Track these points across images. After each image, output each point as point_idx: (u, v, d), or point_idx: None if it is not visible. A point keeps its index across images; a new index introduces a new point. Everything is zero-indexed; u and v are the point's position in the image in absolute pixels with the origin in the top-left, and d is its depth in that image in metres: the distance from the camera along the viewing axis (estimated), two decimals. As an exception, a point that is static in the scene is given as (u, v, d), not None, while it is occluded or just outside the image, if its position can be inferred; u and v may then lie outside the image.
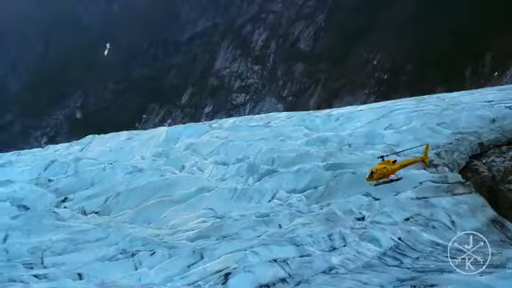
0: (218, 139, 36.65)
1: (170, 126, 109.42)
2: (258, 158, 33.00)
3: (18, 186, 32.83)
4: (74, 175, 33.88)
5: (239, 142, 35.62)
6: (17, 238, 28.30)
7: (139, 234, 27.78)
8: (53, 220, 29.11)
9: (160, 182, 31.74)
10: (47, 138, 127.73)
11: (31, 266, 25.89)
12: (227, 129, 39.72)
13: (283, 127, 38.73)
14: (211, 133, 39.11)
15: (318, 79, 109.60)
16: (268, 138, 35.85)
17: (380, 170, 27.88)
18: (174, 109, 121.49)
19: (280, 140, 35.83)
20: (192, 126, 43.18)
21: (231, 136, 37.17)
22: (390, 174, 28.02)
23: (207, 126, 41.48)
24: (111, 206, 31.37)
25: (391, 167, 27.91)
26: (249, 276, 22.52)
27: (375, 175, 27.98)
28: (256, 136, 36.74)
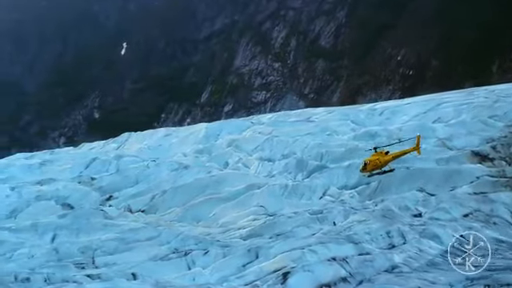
0: (261, 135, 36.35)
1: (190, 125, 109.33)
2: (305, 154, 32.70)
3: (61, 184, 32.73)
4: (117, 173, 33.73)
5: (284, 137, 35.31)
6: (65, 238, 28.13)
7: (190, 232, 27.50)
8: (101, 218, 28.93)
9: (207, 179, 31.50)
10: (65, 138, 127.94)
11: (82, 266, 25.66)
12: (269, 124, 39.38)
13: (328, 122, 38.37)
14: (253, 128, 38.82)
15: (340, 76, 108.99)
16: (314, 133, 35.51)
17: (373, 161, 28.42)
18: (193, 108, 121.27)
19: (327, 135, 35.51)
20: (232, 122, 42.98)
21: (275, 131, 36.87)
22: (382, 165, 28.66)
23: (248, 121, 41.18)
24: (157, 204, 31.17)
25: (384, 158, 28.52)
26: (308, 275, 22.12)
27: (368, 167, 28.55)
28: (301, 131, 36.41)
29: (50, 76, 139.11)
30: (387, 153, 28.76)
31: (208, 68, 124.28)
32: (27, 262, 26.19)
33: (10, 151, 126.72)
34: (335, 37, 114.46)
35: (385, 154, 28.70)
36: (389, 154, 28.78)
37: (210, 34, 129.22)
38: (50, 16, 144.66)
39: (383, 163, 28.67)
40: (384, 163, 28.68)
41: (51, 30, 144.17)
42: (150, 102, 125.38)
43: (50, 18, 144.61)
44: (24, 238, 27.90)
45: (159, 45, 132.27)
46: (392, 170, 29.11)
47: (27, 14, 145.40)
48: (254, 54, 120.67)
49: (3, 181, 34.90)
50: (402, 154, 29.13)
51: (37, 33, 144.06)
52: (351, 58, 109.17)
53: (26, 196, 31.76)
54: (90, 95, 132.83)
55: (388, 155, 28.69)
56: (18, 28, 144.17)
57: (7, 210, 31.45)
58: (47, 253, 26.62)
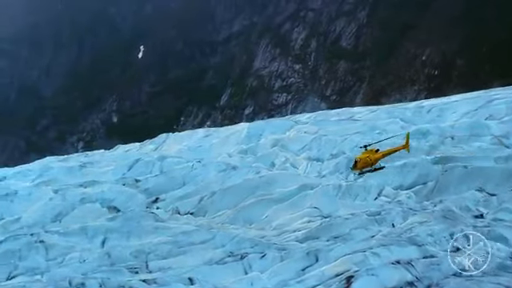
0: (307, 134, 35.77)
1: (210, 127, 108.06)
2: (356, 153, 32.08)
3: (105, 186, 32.24)
4: (162, 174, 33.22)
5: (332, 136, 34.72)
6: (116, 241, 27.61)
7: (245, 235, 26.93)
8: (152, 221, 28.41)
9: (256, 180, 30.89)
10: (83, 143, 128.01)
11: (136, 271, 25.16)
12: (313, 123, 38.79)
13: (375, 120, 37.72)
14: (297, 128, 38.24)
15: (363, 77, 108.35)
16: (363, 132, 34.92)
17: (364, 159, 28.88)
18: (212, 111, 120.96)
19: (377, 133, 34.88)
20: (274, 121, 42.52)
21: (321, 131, 36.28)
22: (373, 162, 29.12)
23: (291, 121, 40.61)
24: (206, 206, 30.61)
25: (374, 156, 28.97)
26: (373, 279, 21.46)
27: (359, 164, 29.05)
28: (349, 130, 35.81)
29: (67, 80, 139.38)
30: (377, 150, 29.21)
31: (227, 70, 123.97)
32: (79, 266, 25.74)
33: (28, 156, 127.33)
34: (356, 37, 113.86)
35: (375, 151, 29.17)
36: (379, 151, 29.24)
37: (228, 35, 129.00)
38: (65, 19, 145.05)
39: (373, 161, 29.15)
40: (374, 161, 29.16)
41: (67, 33, 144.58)
42: (169, 105, 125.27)
43: (65, 22, 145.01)
44: (74, 241, 27.42)
45: (177, 47, 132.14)
46: (382, 168, 29.58)
47: (43, 17, 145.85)
48: (274, 56, 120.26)
49: (45, 183, 34.48)
50: (392, 151, 29.63)
51: (53, 36, 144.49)
52: (373, 59, 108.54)
53: (70, 199, 31.26)
54: (107, 99, 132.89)
55: (378, 153, 29.15)
56: (34, 32, 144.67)
57: (52, 214, 30.98)
58: (99, 257, 26.15)
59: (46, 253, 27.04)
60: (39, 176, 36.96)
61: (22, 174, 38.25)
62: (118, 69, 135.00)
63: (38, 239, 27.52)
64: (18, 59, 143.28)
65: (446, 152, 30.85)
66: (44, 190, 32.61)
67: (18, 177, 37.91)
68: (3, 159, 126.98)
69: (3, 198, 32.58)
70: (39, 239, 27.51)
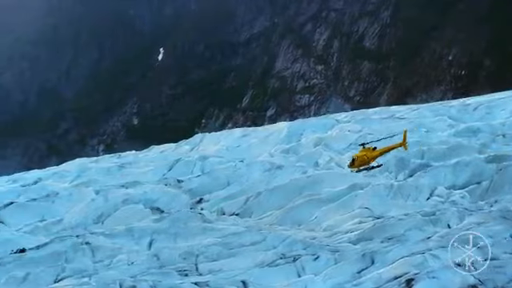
0: (351, 133, 35.15)
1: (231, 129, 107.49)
2: (404, 152, 31.38)
3: (148, 187, 31.84)
4: (206, 175, 32.75)
5: (378, 135, 34.04)
6: (164, 243, 27.14)
7: (297, 236, 26.34)
8: (199, 222, 27.90)
9: (304, 180, 30.28)
10: (104, 145, 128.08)
11: (186, 273, 24.65)
12: (356, 122, 38.12)
13: (421, 118, 36.99)
14: (339, 127, 37.61)
15: (387, 77, 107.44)
16: (410, 130, 34.11)
17: (361, 157, 29.25)
18: (234, 112, 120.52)
19: (424, 132, 34.14)
20: (315, 120, 41.92)
21: (366, 129, 35.61)
22: (370, 160, 29.42)
23: (332, 119, 39.97)
24: (252, 207, 30.03)
25: (371, 154, 29.26)
26: (434, 282, 20.71)
27: (356, 162, 29.35)
28: (394, 128, 35.12)
29: (87, 83, 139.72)
30: (375, 149, 29.41)
31: (248, 72, 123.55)
32: (128, 268, 25.27)
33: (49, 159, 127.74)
34: (380, 38, 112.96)
35: (372, 149, 29.41)
36: (376, 149, 29.45)
37: (249, 37, 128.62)
38: (85, 22, 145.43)
39: (371, 159, 29.40)
40: (372, 159, 29.41)
41: (87, 36, 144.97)
42: (190, 108, 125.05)
43: (85, 24, 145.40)
44: (120, 243, 26.98)
45: (197, 49, 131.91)
46: (380, 166, 29.88)
47: (62, 20, 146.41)
48: (296, 57, 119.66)
49: (84, 184, 34.19)
50: (389, 149, 29.77)
51: (73, 39, 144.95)
52: (398, 59, 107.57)
53: (112, 200, 30.90)
54: (128, 101, 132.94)
55: (375, 151, 29.37)
56: (54, 34, 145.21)
57: (94, 215, 30.64)
58: (147, 259, 25.68)
59: (93, 255, 26.65)
60: (77, 177, 36.71)
61: (59, 175, 38.04)
62: (138, 71, 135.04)
63: (83, 241, 27.14)
64: (38, 62, 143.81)
65: (499, 150, 30.11)
66: (85, 191, 32.30)
67: (54, 178, 37.70)
68: (24, 162, 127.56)
69: (44, 199, 32.33)
70: (85, 241, 27.12)
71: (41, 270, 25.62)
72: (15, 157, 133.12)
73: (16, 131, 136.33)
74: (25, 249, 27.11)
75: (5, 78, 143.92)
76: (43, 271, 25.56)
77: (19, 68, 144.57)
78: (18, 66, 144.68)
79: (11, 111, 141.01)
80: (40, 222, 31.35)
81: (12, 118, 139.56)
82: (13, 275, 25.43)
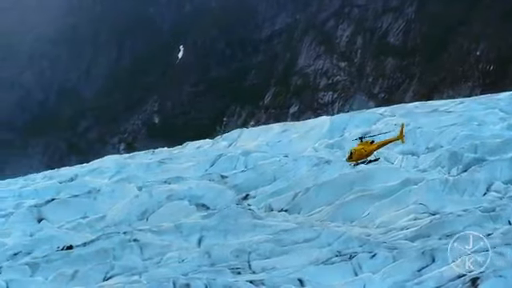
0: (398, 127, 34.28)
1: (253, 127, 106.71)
2: (456, 146, 30.57)
3: (192, 183, 31.31)
4: (251, 170, 32.22)
5: (427, 128, 33.22)
6: (213, 240, 26.61)
7: (352, 233, 25.63)
8: (249, 219, 27.34)
9: (353, 175, 29.60)
10: (125, 144, 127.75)
11: (238, 271, 24.20)
12: (403, 115, 37.28)
13: (471, 111, 36.12)
14: (385, 121, 36.86)
15: (412, 74, 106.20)
16: (461, 124, 33.39)
17: (359, 150, 29.35)
18: (256, 110, 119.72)
19: (476, 125, 33.29)
20: (358, 114, 41.26)
21: (413, 123, 34.77)
22: (368, 154, 29.60)
23: (377, 113, 39.21)
24: (301, 203, 29.41)
25: (369, 148, 29.48)
26: (501, 281, 20.07)
27: (354, 156, 29.50)
28: (443, 122, 34.33)
29: (107, 81, 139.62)
30: (372, 142, 29.66)
31: (270, 69, 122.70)
32: (178, 266, 24.80)
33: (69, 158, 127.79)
34: (405, 33, 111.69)
35: (370, 143, 29.64)
36: (374, 143, 29.73)
37: (270, 33, 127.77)
38: (104, 20, 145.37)
39: (368, 152, 29.51)
40: (369, 152, 29.53)
41: (106, 34, 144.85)
42: (211, 105, 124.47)
43: (105, 23, 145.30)
44: (169, 240, 26.53)
45: (218, 46, 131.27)
46: (377, 159, 29.95)
47: (82, 19, 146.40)
48: (319, 54, 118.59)
49: (125, 180, 33.75)
50: (387, 142, 30.09)
51: (92, 38, 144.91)
52: (423, 55, 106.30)
53: (156, 196, 30.45)
54: (148, 100, 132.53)
55: (373, 144, 29.57)
56: (74, 33, 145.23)
57: (138, 211, 30.17)
58: (198, 257, 25.19)
59: (141, 252, 26.24)
60: (117, 173, 36.35)
61: (98, 171, 37.68)
62: (158, 69, 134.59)
63: (131, 238, 26.74)
64: (57, 61, 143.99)
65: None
66: (127, 187, 31.89)
67: (93, 174, 37.37)
68: (45, 161, 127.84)
69: (86, 196, 31.97)
70: (133, 238, 26.72)
71: (89, 267, 25.24)
72: (36, 156, 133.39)
73: (36, 130, 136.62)
74: (72, 246, 26.71)
75: (25, 77, 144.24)
76: (92, 269, 25.18)
77: (39, 67, 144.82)
78: (38, 65, 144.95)
79: (31, 110, 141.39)
80: (82, 218, 30.98)
81: (32, 117, 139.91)
82: (61, 272, 25.08)
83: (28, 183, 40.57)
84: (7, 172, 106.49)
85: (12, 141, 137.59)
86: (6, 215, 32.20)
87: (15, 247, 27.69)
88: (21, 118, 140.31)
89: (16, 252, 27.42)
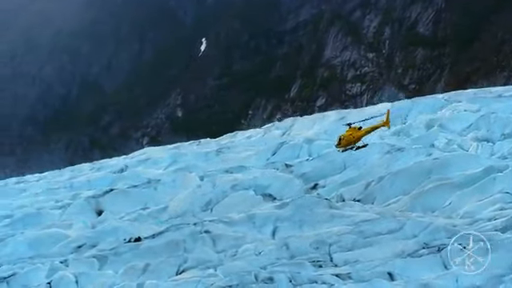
0: (469, 113, 32.85)
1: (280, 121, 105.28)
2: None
3: (256, 172, 30.09)
4: (319, 158, 30.87)
5: (502, 114, 31.70)
6: (289, 231, 25.38)
7: (438, 224, 24.23)
8: (326, 209, 26.02)
9: (430, 162, 28.15)
10: (148, 138, 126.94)
11: (320, 264, 22.94)
12: (471, 101, 35.73)
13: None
14: (452, 107, 35.27)
15: (444, 64, 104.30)
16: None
17: (347, 137, 30.11)
18: (282, 103, 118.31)
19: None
20: (420, 100, 39.70)
21: (485, 108, 33.26)
22: (356, 140, 30.33)
23: (441, 99, 37.69)
24: (375, 192, 28.01)
25: (357, 134, 30.18)
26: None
27: (343, 142, 30.17)
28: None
29: (129, 75, 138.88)
30: (360, 128, 30.32)
31: (296, 61, 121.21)
32: (256, 259, 23.59)
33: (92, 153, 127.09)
34: (434, 23, 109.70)
35: (358, 129, 30.32)
36: (362, 129, 30.40)
37: (295, 25, 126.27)
38: (126, 14, 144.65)
39: (356, 138, 30.19)
40: (357, 138, 30.21)
41: (128, 28, 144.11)
42: (235, 99, 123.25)
43: (126, 16, 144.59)
44: (242, 231, 25.33)
45: (242, 38, 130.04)
46: (365, 146, 30.57)
47: (103, 12, 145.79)
48: (345, 45, 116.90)
49: (184, 170, 32.58)
50: (374, 128, 30.70)
51: (113, 31, 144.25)
52: (454, 45, 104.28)
53: (220, 186, 29.23)
54: (171, 94, 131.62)
55: (361, 131, 30.23)
56: (95, 27, 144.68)
57: (202, 202, 29.02)
58: (276, 249, 23.98)
59: (214, 244, 25.12)
60: (173, 162, 35.29)
61: (151, 161, 36.53)
62: (180, 62, 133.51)
63: (202, 229, 25.54)
64: (78, 55, 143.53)
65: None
66: (189, 177, 30.71)
67: (146, 164, 36.25)
68: (68, 156, 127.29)
69: (145, 186, 30.90)
70: (203, 229, 25.48)
71: (160, 260, 24.15)
72: (58, 151, 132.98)
73: (58, 125, 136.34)
74: (140, 238, 25.59)
75: (46, 71, 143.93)
76: (163, 262, 24.09)
77: (60, 61, 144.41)
78: (59, 59, 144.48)
79: (53, 105, 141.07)
80: (143, 209, 29.88)
81: (54, 112, 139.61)
82: (132, 266, 24.03)
83: (75, 174, 39.63)
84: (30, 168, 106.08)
85: (34, 136, 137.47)
86: (63, 206, 31.26)
87: (79, 239, 26.66)
88: (42, 113, 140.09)
89: (80, 244, 26.42)
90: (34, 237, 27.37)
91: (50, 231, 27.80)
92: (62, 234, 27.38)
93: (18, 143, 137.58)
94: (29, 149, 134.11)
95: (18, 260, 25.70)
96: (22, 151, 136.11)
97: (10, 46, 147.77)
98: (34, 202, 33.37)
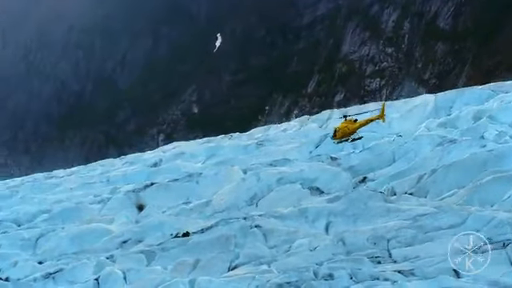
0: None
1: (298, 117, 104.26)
2: None
3: (303, 165, 29.22)
4: (367, 151, 30.05)
5: None
6: (343, 226, 24.48)
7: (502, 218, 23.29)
8: (381, 203, 25.08)
9: (485, 155, 27.15)
10: (164, 135, 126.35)
11: (378, 261, 22.04)
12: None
13: None
14: (500, 97, 34.28)
15: (465, 58, 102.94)
16: None
17: (342, 128, 30.40)
18: (299, 98, 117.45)
19: None
20: (465, 90, 38.66)
21: (536, 100, 32.28)
22: (351, 132, 30.55)
23: (487, 90, 36.71)
24: (427, 186, 27.02)
25: (352, 126, 30.38)
26: None
27: (338, 134, 30.54)
28: None
29: (143, 71, 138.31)
30: (355, 121, 30.61)
31: (313, 56, 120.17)
32: (311, 255, 22.76)
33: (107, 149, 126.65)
34: (455, 17, 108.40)
35: (353, 121, 30.64)
36: (357, 121, 30.68)
37: (312, 20, 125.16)
38: (139, 9, 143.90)
39: (352, 131, 30.42)
40: (352, 131, 30.43)
41: (142, 23, 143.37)
42: (252, 94, 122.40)
43: (139, 12, 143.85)
44: (294, 226, 24.46)
45: (257, 34, 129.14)
46: (360, 138, 30.87)
47: (116, 8, 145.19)
48: (364, 40, 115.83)
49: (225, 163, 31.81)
50: (369, 121, 30.93)
51: (127, 27, 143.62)
52: (476, 39, 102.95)
53: (265, 179, 28.38)
54: (186, 89, 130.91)
55: (356, 123, 30.53)
56: (108, 23, 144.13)
57: (247, 196, 28.19)
58: (331, 244, 23.13)
59: (265, 239, 24.23)
60: (212, 156, 34.57)
61: (188, 155, 35.73)
62: (195, 58, 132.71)
63: (252, 224, 24.68)
64: (92, 51, 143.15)
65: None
66: (231, 171, 29.92)
67: (183, 158, 35.54)
68: (84, 153, 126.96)
69: (187, 180, 30.07)
70: (254, 224, 24.64)
71: (211, 256, 23.35)
72: (73, 148, 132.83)
73: (73, 122, 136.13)
74: (188, 232, 24.79)
75: (60, 67, 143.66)
76: (214, 257, 23.28)
77: (74, 57, 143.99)
78: (73, 55, 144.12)
79: (67, 102, 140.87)
80: (185, 204, 29.02)
81: (68, 109, 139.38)
82: (181, 261, 23.24)
83: (108, 169, 38.97)
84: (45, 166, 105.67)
85: (48, 133, 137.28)
86: (102, 201, 30.57)
87: (123, 234, 25.92)
88: (57, 109, 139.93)
89: (125, 240, 25.68)
90: (76, 232, 26.71)
91: (92, 226, 27.13)
92: (105, 228, 26.68)
93: (32, 140, 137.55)
94: (44, 146, 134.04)
95: (62, 256, 25.05)
96: (36, 148, 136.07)
97: (23, 42, 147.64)
98: (71, 197, 32.75)
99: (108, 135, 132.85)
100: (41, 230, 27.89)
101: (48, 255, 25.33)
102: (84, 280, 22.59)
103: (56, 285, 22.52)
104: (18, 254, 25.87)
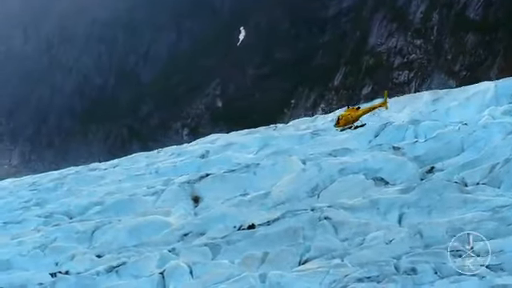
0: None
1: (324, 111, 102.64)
2: None
3: (365, 154, 28.14)
4: (433, 140, 28.80)
5: None
6: (417, 217, 23.33)
7: None
8: (457, 193, 23.87)
9: None
10: (188, 129, 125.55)
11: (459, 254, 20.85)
12: None
13: None
14: None
15: (496, 50, 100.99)
16: None
17: (345, 116, 31.55)
18: (326, 91, 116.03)
19: None
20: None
21: None
22: (354, 120, 31.57)
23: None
24: (501, 176, 25.76)
25: (356, 114, 31.55)
26: None
27: (341, 121, 31.71)
28: None
29: (166, 65, 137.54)
30: (358, 108, 32.03)
31: (339, 48, 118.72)
32: (386, 248, 21.66)
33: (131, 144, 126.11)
34: (485, 8, 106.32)
35: (356, 109, 32.02)
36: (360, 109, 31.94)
37: (338, 11, 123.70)
38: (162, 3, 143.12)
39: (355, 118, 31.51)
40: (355, 118, 31.51)
41: (164, 17, 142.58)
42: (277, 88, 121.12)
43: (162, 5, 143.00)
44: (365, 218, 23.37)
45: (282, 26, 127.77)
46: (363, 125, 31.71)
47: (139, 1, 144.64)
48: (391, 32, 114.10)
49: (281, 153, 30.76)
50: (371, 109, 32.23)
51: (150, 20, 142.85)
52: (507, 30, 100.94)
53: (327, 170, 27.30)
54: (210, 83, 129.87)
55: (359, 110, 31.82)
56: (131, 16, 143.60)
57: (308, 187, 27.13)
58: (408, 237, 22.01)
59: (336, 232, 23.10)
60: (264, 146, 33.58)
61: (238, 145, 34.71)
62: (219, 51, 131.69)
63: (321, 215, 23.59)
64: (115, 44, 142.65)
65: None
66: (290, 161, 28.86)
67: (234, 148, 34.57)
68: (107, 147, 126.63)
69: (243, 171, 29.08)
70: (323, 215, 23.53)
71: (280, 249, 22.32)
72: (96, 142, 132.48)
73: (96, 116, 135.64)
74: (254, 225, 23.75)
75: (82, 61, 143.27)
76: (284, 250, 22.25)
77: (97, 51, 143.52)
78: (96, 49, 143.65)
79: (90, 96, 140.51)
80: (242, 195, 27.98)
81: (91, 103, 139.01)
82: (249, 255, 22.19)
83: (152, 160, 38.11)
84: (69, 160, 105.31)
85: (71, 127, 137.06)
86: (156, 193, 29.66)
87: (183, 227, 24.98)
88: (80, 104, 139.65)
89: (186, 232, 24.76)
90: (134, 224, 25.82)
91: (150, 218, 26.23)
92: (163, 221, 25.76)
93: (56, 134, 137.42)
94: (67, 140, 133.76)
95: (122, 249, 24.17)
96: (60, 142, 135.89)
97: (45, 37, 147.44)
98: (122, 189, 31.91)
99: (131, 129, 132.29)
100: (95, 223, 27.05)
101: (106, 248, 24.47)
102: (148, 274, 21.70)
103: (120, 278, 21.64)
104: (74, 247, 25.04)
